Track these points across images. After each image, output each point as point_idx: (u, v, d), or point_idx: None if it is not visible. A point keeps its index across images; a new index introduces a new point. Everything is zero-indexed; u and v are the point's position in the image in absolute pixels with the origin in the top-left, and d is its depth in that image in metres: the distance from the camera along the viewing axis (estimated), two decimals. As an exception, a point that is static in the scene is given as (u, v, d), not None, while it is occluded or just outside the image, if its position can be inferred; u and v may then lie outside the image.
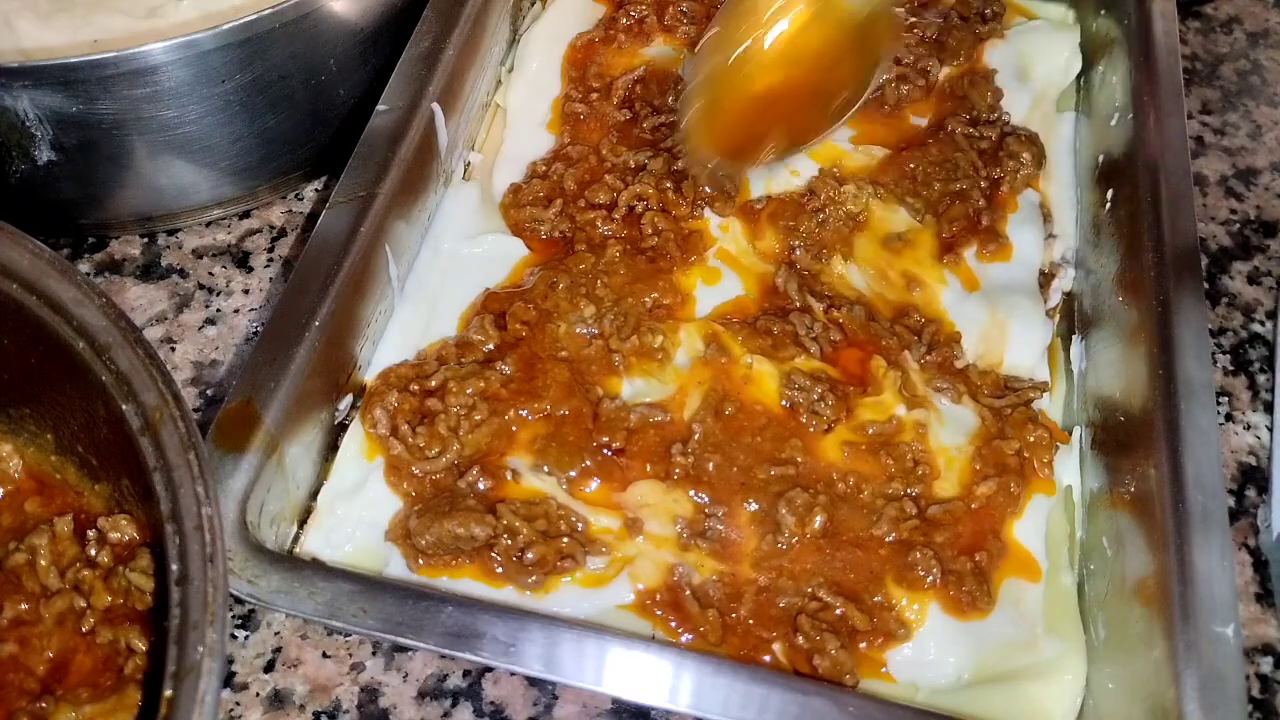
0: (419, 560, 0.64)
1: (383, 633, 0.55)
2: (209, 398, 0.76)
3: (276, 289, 0.81)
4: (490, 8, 0.84)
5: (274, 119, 0.78)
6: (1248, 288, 0.86)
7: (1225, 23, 1.04)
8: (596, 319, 0.73)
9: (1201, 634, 0.57)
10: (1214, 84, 0.99)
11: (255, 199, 0.84)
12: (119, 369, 0.52)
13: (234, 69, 0.72)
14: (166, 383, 0.52)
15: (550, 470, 0.67)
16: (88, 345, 0.53)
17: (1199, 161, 0.93)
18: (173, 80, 0.70)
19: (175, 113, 0.72)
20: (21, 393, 0.59)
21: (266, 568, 0.56)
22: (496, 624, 0.56)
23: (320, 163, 0.85)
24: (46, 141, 0.71)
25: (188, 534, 0.48)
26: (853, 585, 0.65)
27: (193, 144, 0.75)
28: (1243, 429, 0.78)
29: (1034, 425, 0.71)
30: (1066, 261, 0.82)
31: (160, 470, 0.50)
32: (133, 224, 0.82)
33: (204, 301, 0.80)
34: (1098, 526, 0.68)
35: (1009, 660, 0.64)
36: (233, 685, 0.64)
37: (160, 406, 0.51)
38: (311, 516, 0.66)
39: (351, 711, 0.63)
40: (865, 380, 0.73)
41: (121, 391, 0.52)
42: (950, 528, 0.67)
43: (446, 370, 0.70)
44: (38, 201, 0.77)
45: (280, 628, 0.66)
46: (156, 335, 0.78)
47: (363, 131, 0.74)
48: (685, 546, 0.66)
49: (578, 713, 0.64)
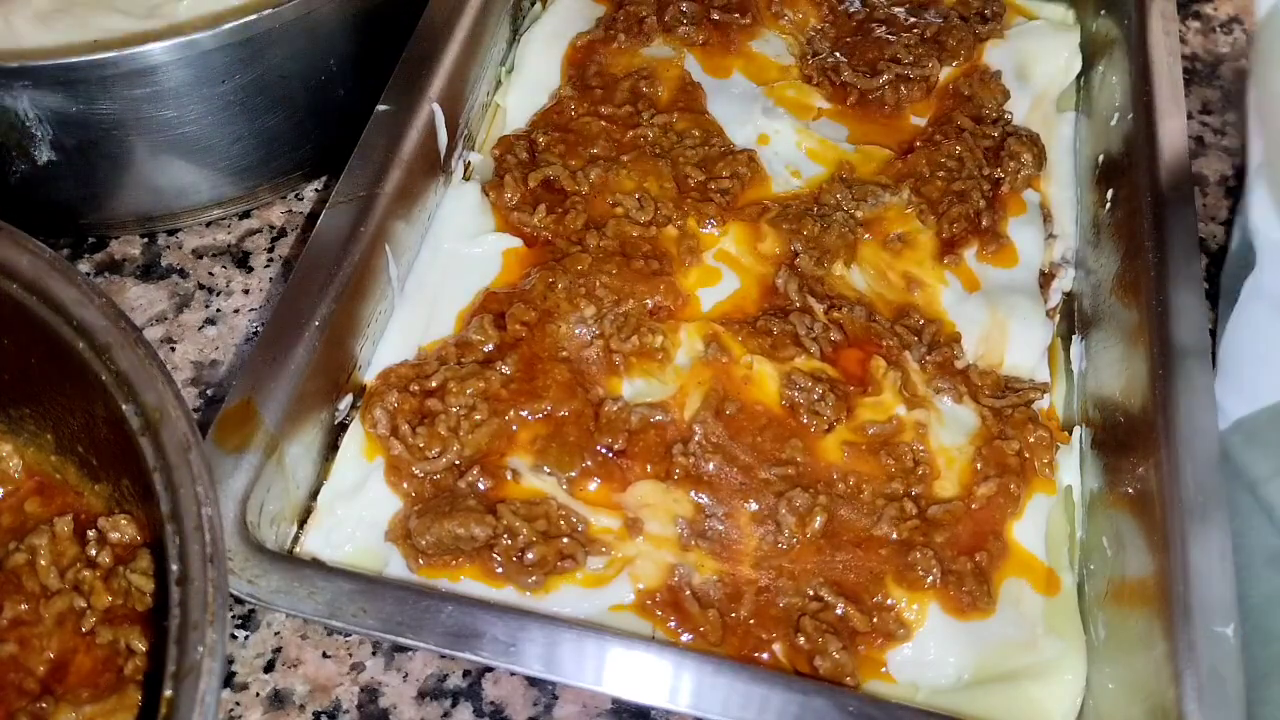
0: (419, 560, 0.64)
1: (383, 633, 0.55)
2: (209, 398, 0.76)
3: (277, 289, 0.81)
4: (490, 8, 0.84)
5: (273, 119, 0.78)
6: (1247, 288, 0.86)
7: (1225, 23, 1.04)
8: (597, 319, 0.73)
9: (1201, 634, 0.57)
10: (1214, 84, 0.99)
11: (255, 199, 0.84)
12: (119, 369, 0.52)
13: (233, 69, 0.72)
14: (167, 383, 0.52)
15: (550, 470, 0.67)
16: (88, 345, 0.53)
17: (1199, 161, 0.93)
18: (172, 80, 0.70)
19: (175, 113, 0.72)
20: (21, 393, 0.59)
21: (266, 567, 0.56)
22: (496, 624, 0.56)
23: (320, 163, 0.85)
24: (46, 141, 0.71)
25: (188, 534, 0.48)
26: (853, 585, 0.65)
27: (192, 144, 0.75)
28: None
29: (1034, 425, 0.71)
30: (1066, 261, 0.83)
31: (160, 470, 0.50)
32: (133, 224, 0.82)
33: (204, 301, 0.80)
34: (1098, 526, 0.68)
35: (1009, 660, 0.64)
36: (233, 685, 0.64)
37: (160, 406, 0.51)
38: (311, 516, 0.66)
39: (351, 711, 0.63)
40: (865, 380, 0.73)
41: (122, 392, 0.52)
42: (950, 528, 0.67)
43: (446, 370, 0.70)
44: (38, 201, 0.77)
45: (280, 628, 0.66)
46: (156, 335, 0.78)
47: (363, 131, 0.74)
48: (685, 547, 0.66)
49: (578, 713, 0.64)
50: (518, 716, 0.64)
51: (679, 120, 0.84)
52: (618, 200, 0.79)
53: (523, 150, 0.82)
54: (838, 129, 0.87)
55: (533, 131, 0.83)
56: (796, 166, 0.84)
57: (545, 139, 0.82)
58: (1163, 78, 0.81)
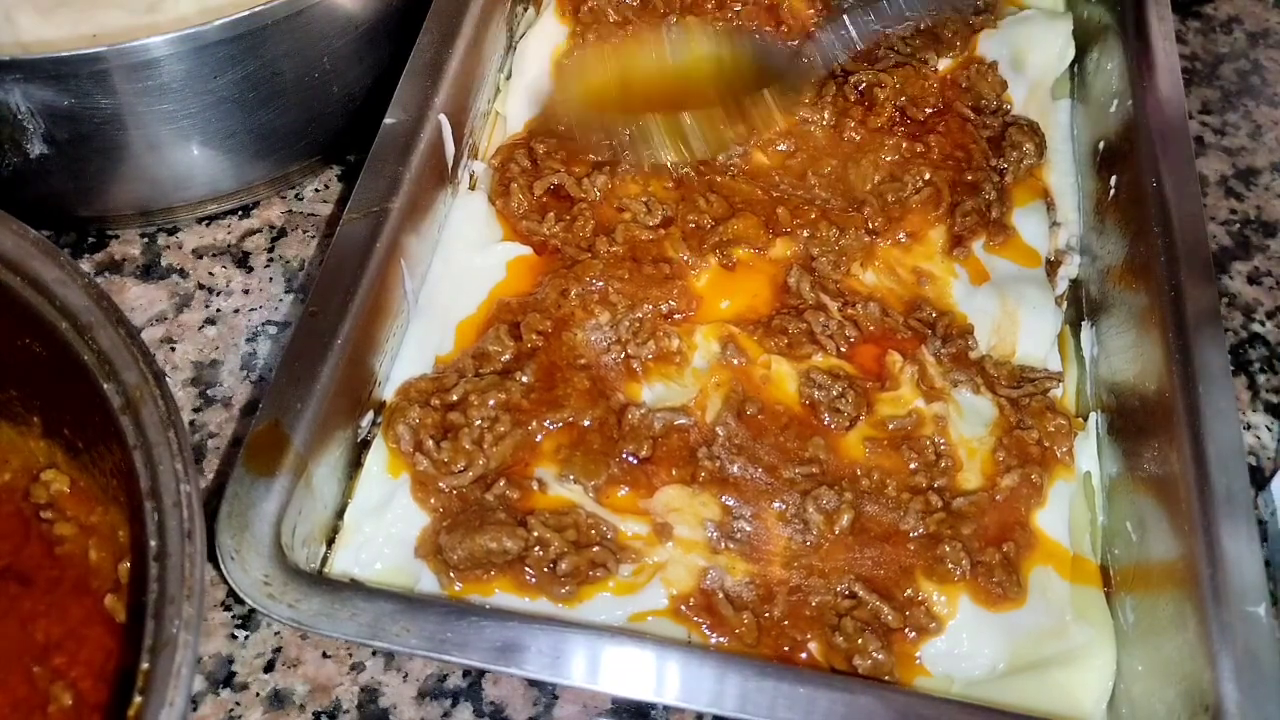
0: (450, 575, 0.64)
1: (429, 651, 0.55)
2: (209, 398, 0.75)
3: (277, 289, 0.81)
4: (489, 15, 0.83)
5: (267, 114, 0.77)
6: (1248, 288, 0.87)
7: (1225, 23, 1.05)
8: (612, 325, 0.73)
9: (1235, 615, 0.57)
10: (1214, 84, 1.00)
11: (252, 194, 0.84)
12: (100, 348, 0.52)
13: (227, 65, 0.72)
14: (147, 362, 0.52)
15: (576, 479, 0.67)
16: (70, 325, 0.53)
17: (1199, 161, 0.94)
18: (166, 75, 0.70)
19: (169, 107, 0.72)
20: (11, 376, 0.59)
21: (306, 591, 0.56)
22: (540, 637, 0.56)
23: (318, 159, 0.85)
24: (39, 135, 0.71)
25: (166, 510, 0.48)
26: (883, 581, 0.66)
27: (187, 138, 0.75)
28: (1243, 429, 0.79)
29: (1052, 414, 0.72)
30: (1071, 248, 0.83)
31: (140, 448, 0.50)
32: (128, 217, 0.82)
33: (204, 301, 0.80)
34: (1120, 511, 0.69)
35: (1041, 648, 0.64)
36: (233, 685, 0.64)
37: (140, 385, 0.51)
38: (339, 535, 0.66)
39: (351, 711, 0.63)
40: (882, 376, 0.73)
41: (103, 371, 0.52)
42: (976, 519, 0.67)
43: (466, 383, 0.70)
44: (30, 195, 0.77)
45: (280, 628, 0.66)
46: (156, 335, 0.78)
47: (360, 129, 0.74)
48: (715, 550, 0.66)
49: (578, 713, 0.64)
50: (518, 716, 0.64)
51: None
52: (624, 204, 0.79)
53: (524, 158, 0.82)
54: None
55: (531, 139, 0.83)
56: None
57: (544, 147, 0.82)
58: (1160, 61, 0.82)
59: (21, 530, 0.60)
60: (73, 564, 0.58)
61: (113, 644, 0.55)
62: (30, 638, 0.56)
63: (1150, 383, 0.69)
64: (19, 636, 0.56)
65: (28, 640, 0.56)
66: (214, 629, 0.66)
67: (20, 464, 0.61)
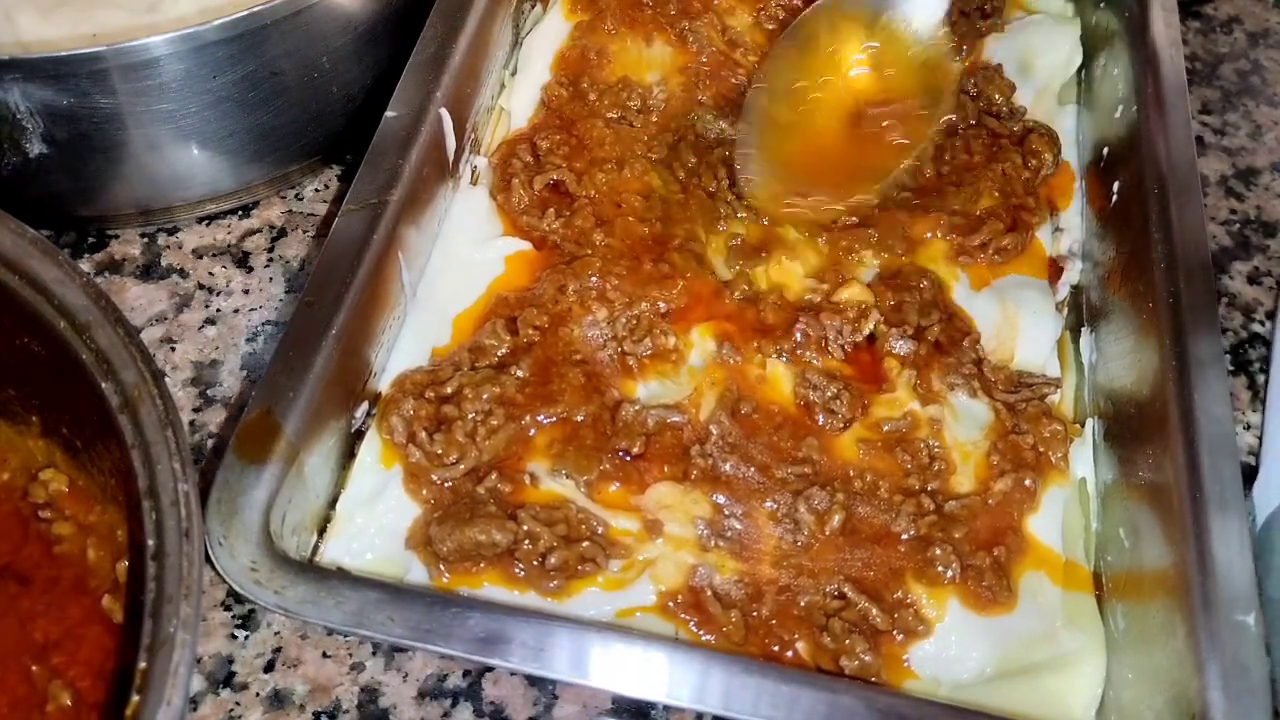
0: (440, 566, 0.64)
1: (412, 640, 0.55)
2: (209, 398, 0.76)
3: (277, 289, 0.81)
4: (494, 12, 0.84)
5: (267, 114, 0.78)
6: (1248, 288, 0.87)
7: (1225, 23, 1.05)
8: (609, 321, 0.73)
9: (1223, 623, 0.57)
10: (1214, 84, 1.00)
11: (252, 194, 0.84)
12: (99, 347, 0.52)
13: (226, 65, 0.72)
14: (145, 361, 0.52)
15: (569, 474, 0.68)
16: (69, 325, 0.53)
17: (1199, 161, 0.93)
18: (166, 75, 0.70)
19: (169, 106, 0.72)
20: (11, 376, 0.59)
21: (293, 578, 0.56)
22: (525, 629, 0.56)
23: (317, 159, 0.85)
24: (38, 135, 0.71)
25: (164, 509, 0.48)
26: (873, 583, 0.65)
27: (187, 137, 0.75)
28: (1243, 429, 0.78)
29: (1048, 419, 0.71)
30: (1073, 254, 0.83)
31: (138, 447, 0.50)
32: (127, 217, 0.82)
33: (204, 301, 0.80)
34: (1114, 518, 0.68)
35: (1030, 654, 0.64)
36: (233, 685, 0.64)
37: (139, 384, 0.51)
38: (330, 525, 0.66)
39: (351, 711, 0.63)
40: (879, 378, 0.73)
41: (101, 370, 0.52)
42: (968, 523, 0.67)
43: (461, 376, 0.70)
44: (29, 194, 0.77)
45: (280, 628, 0.66)
46: (156, 335, 0.78)
47: (359, 129, 0.74)
48: (705, 547, 0.66)
49: (578, 712, 0.64)
50: (518, 716, 0.64)
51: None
52: (624, 201, 0.79)
53: (526, 154, 0.82)
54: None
55: (534, 134, 0.83)
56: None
57: (547, 143, 0.82)
58: (1166, 68, 0.82)
59: (20, 529, 0.60)
60: (71, 563, 0.58)
61: (111, 643, 0.56)
62: (29, 637, 0.56)
63: (1147, 389, 0.68)
64: (17, 636, 0.56)
65: (26, 639, 0.56)
66: (214, 629, 0.66)
67: (19, 463, 0.62)
